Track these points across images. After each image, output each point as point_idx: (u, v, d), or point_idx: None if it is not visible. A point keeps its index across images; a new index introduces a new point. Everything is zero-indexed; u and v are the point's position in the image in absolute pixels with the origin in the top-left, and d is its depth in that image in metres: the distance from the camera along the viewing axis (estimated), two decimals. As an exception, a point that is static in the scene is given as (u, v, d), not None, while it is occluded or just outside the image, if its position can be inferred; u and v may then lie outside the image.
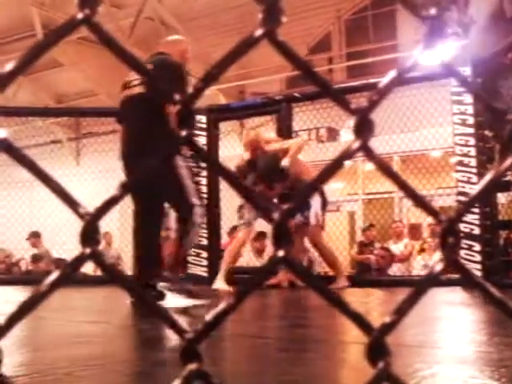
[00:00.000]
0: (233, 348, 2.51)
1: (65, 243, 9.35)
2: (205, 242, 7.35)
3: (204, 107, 8.14)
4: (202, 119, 7.71)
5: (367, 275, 8.95)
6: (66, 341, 2.64)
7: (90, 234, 0.47)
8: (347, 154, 0.50)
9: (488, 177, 0.54)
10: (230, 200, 6.89)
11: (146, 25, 13.58)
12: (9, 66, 0.46)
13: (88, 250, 0.47)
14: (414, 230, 11.26)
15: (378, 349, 0.55)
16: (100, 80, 14.21)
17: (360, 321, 0.56)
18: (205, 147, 7.45)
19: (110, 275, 0.48)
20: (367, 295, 5.56)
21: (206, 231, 7.30)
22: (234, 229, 8.28)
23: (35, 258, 10.64)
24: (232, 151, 11.55)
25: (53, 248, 10.81)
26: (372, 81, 8.57)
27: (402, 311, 0.56)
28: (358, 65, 13.61)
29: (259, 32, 0.51)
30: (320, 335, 2.84)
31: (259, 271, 0.50)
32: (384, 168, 0.50)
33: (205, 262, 7.36)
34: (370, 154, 0.50)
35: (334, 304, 0.55)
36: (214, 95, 14.15)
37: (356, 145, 0.50)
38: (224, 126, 8.90)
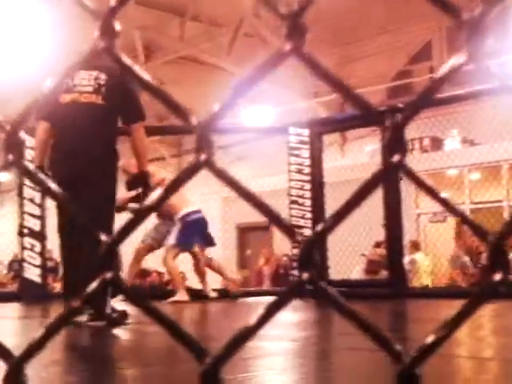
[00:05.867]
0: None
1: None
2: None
3: (307, 120, 8.12)
4: (304, 132, 7.66)
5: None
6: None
7: (106, 259, 0.46)
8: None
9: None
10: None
11: (246, 41, 13.74)
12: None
13: (109, 275, 0.47)
14: None
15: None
16: (199, 97, 14.54)
17: (389, 346, 0.53)
18: (308, 160, 7.44)
19: (131, 300, 0.47)
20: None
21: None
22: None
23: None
24: (335, 163, 11.45)
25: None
26: (475, 88, 8.31)
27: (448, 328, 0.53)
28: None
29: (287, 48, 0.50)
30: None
31: (281, 294, 0.48)
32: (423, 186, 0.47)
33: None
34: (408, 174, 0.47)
35: (363, 329, 0.51)
36: (314, 108, 14.15)
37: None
38: (326, 138, 8.85)
